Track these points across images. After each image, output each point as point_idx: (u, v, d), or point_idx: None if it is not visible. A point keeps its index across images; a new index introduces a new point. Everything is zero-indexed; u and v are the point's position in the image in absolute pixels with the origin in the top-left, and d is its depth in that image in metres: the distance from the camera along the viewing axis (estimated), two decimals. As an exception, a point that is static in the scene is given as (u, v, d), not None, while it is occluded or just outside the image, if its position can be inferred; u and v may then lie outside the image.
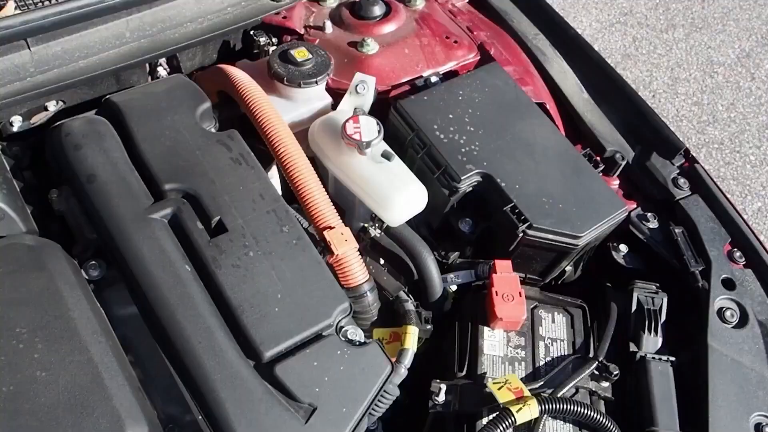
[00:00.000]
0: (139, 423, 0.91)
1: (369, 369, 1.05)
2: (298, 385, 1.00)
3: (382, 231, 1.31)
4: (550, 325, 1.28)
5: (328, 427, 0.99)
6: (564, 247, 1.27)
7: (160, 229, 1.09)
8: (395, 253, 1.34)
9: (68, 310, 0.98)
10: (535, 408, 1.09)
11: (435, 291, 1.28)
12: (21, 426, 0.87)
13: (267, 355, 1.02)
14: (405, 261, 1.34)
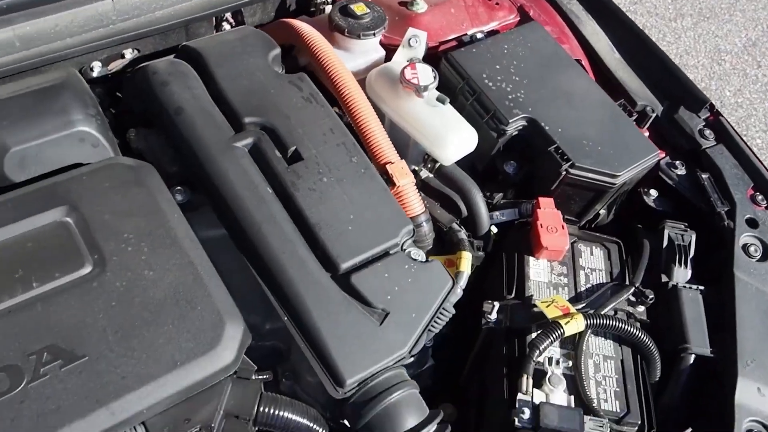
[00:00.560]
0: (236, 319, 1.02)
1: (433, 282, 1.17)
2: (371, 293, 1.12)
3: (434, 172, 1.43)
4: (589, 257, 1.39)
5: (399, 331, 1.10)
6: (602, 185, 1.38)
7: (242, 156, 1.20)
8: (444, 194, 1.45)
9: (168, 220, 1.09)
10: (582, 322, 1.20)
11: (483, 225, 1.39)
12: (134, 315, 0.98)
13: (343, 266, 1.13)
14: (453, 201, 1.45)
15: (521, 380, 1.14)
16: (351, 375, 1.04)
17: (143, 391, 0.94)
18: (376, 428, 1.04)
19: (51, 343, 0.94)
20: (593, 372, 1.21)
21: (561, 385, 1.16)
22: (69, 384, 0.92)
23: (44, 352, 0.93)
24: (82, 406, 0.90)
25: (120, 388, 0.93)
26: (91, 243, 1.04)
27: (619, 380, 1.21)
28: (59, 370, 0.92)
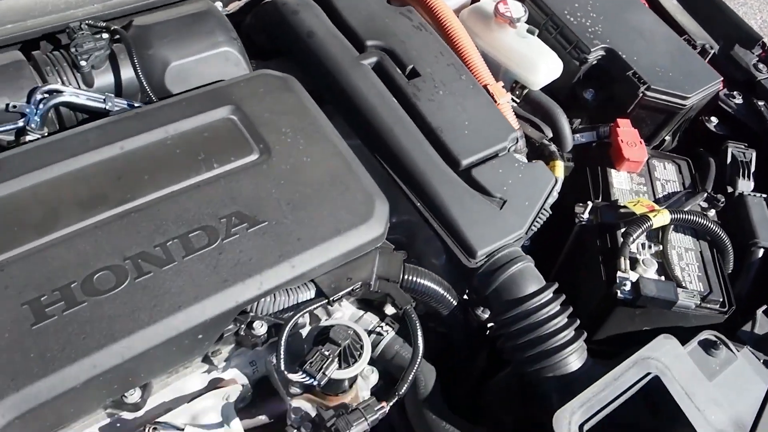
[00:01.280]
0: (382, 199, 1.19)
1: (539, 179, 1.34)
2: (490, 185, 1.28)
3: (521, 98, 1.59)
4: (663, 171, 1.56)
5: (516, 215, 1.27)
6: (673, 107, 1.55)
7: (369, 72, 1.37)
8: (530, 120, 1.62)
9: (316, 119, 1.25)
10: (667, 216, 1.37)
11: (567, 143, 1.56)
12: (300, 192, 1.14)
13: (464, 163, 1.30)
14: (537, 126, 1.62)
15: (619, 261, 1.30)
16: (481, 247, 1.21)
17: (315, 251, 1.10)
18: (502, 294, 1.20)
19: (236, 210, 1.10)
20: (677, 261, 1.37)
21: (653, 267, 1.32)
22: (256, 242, 1.08)
23: (232, 216, 1.09)
24: (269, 258, 1.07)
25: (297, 247, 1.09)
26: (255, 135, 1.20)
27: (700, 267, 1.38)
28: (246, 231, 1.09)
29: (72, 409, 0.96)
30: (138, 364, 0.98)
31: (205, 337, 1.04)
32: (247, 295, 1.04)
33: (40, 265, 1.00)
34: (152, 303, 1.00)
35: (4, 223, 1.02)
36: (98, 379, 0.95)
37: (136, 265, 1.02)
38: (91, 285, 0.99)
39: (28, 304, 0.96)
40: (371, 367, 1.23)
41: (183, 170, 1.13)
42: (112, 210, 1.07)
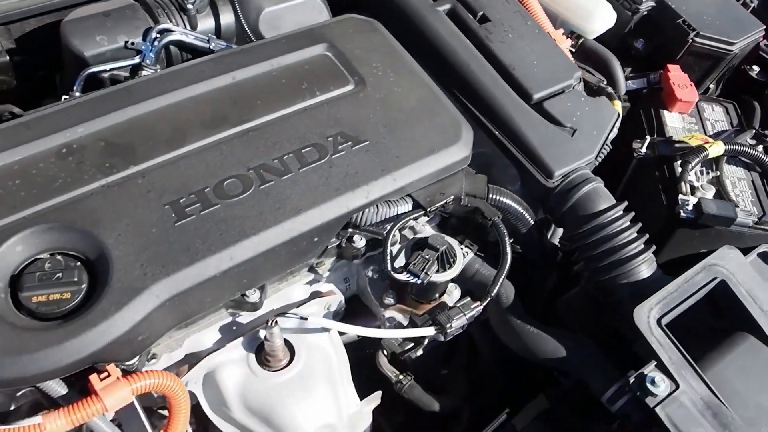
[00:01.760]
0: (467, 125, 1.30)
1: (604, 112, 1.45)
2: (560, 116, 1.39)
3: (577, 47, 1.70)
4: (711, 112, 1.67)
5: (586, 142, 1.38)
6: (721, 52, 1.66)
7: (444, 16, 1.48)
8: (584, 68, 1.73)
9: (402, 56, 1.37)
10: (722, 147, 1.48)
11: (621, 88, 1.67)
12: (395, 117, 1.26)
13: (536, 96, 1.41)
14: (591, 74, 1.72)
15: (680, 185, 1.41)
16: (557, 168, 1.32)
17: (412, 167, 1.21)
18: (578, 210, 1.31)
19: (341, 131, 1.22)
20: (731, 188, 1.48)
21: (710, 191, 1.43)
22: (360, 158, 1.19)
23: (338, 136, 1.21)
24: (373, 172, 1.18)
25: (397, 163, 1.21)
26: (350, 69, 1.31)
27: (752, 194, 1.49)
28: (351, 149, 1.20)
29: (209, 298, 1.08)
30: (265, 260, 1.09)
31: (319, 240, 1.16)
32: (356, 203, 1.16)
33: (176, 174, 1.11)
34: (276, 206, 1.11)
35: (140, 138, 1.14)
36: (233, 271, 1.06)
37: (259, 175, 1.14)
38: (221, 190, 1.11)
39: (170, 205, 1.07)
40: (454, 284, 1.35)
41: (290, 97, 1.25)
42: (232, 129, 1.18)
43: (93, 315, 0.96)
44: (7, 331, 0.93)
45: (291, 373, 1.19)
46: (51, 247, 1.02)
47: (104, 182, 1.08)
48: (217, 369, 1.17)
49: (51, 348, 0.93)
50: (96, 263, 1.02)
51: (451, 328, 1.16)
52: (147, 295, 0.99)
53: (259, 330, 1.21)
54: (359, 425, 1.29)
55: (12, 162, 1.08)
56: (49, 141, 1.11)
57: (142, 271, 1.01)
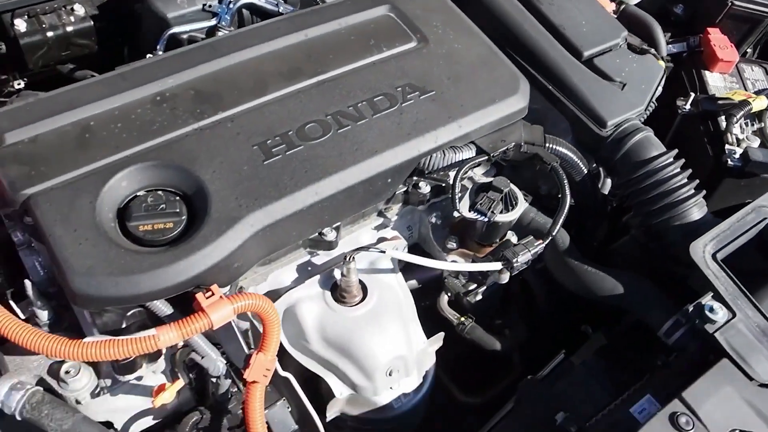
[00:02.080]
0: (524, 79, 1.37)
1: (652, 68, 1.52)
2: (610, 71, 1.47)
3: (618, 12, 1.77)
4: (751, 72, 1.73)
5: (636, 95, 1.45)
6: (760, 15, 1.73)
7: (498, -18, 1.57)
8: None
9: (461, 16, 1.45)
10: (765, 101, 1.54)
11: (663, 51, 1.73)
12: (457, 70, 1.34)
13: (586, 54, 1.48)
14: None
15: (726, 136, 1.48)
16: (610, 118, 1.39)
17: (476, 115, 1.29)
18: (631, 156, 1.38)
19: (408, 82, 1.30)
20: (773, 140, 1.55)
21: (755, 142, 1.50)
22: (428, 106, 1.28)
23: (406, 86, 1.29)
24: (441, 119, 1.26)
25: (461, 111, 1.28)
26: (412, 27, 1.40)
27: (795, 145, 1.55)
28: (419, 98, 1.28)
29: (295, 231, 1.16)
30: (345, 197, 1.18)
31: (392, 181, 1.24)
32: (425, 147, 1.24)
33: (261, 119, 1.20)
34: (354, 148, 1.19)
35: (226, 88, 1.23)
36: (317, 206, 1.15)
37: (336, 120, 1.22)
38: (303, 133, 1.19)
39: (258, 146, 1.16)
40: (512, 231, 1.42)
41: (359, 52, 1.33)
42: (308, 80, 1.27)
43: (196, 241, 1.05)
44: (121, 253, 1.02)
45: (365, 309, 1.27)
46: (152, 183, 1.11)
47: (196, 126, 1.17)
48: (296, 304, 1.26)
49: (161, 269, 1.02)
50: (193, 198, 1.11)
51: (516, 263, 1.23)
52: (243, 224, 1.08)
53: (333, 269, 1.29)
54: (425, 363, 1.37)
55: (112, 108, 1.17)
56: (144, 90, 1.20)
57: (237, 203, 1.09)
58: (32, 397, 0.91)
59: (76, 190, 1.06)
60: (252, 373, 1.07)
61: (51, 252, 1.01)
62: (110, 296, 1.00)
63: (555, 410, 1.19)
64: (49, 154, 1.10)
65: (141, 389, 1.17)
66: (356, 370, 1.25)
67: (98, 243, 1.02)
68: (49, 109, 1.15)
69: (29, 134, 1.11)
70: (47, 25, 1.41)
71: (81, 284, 0.99)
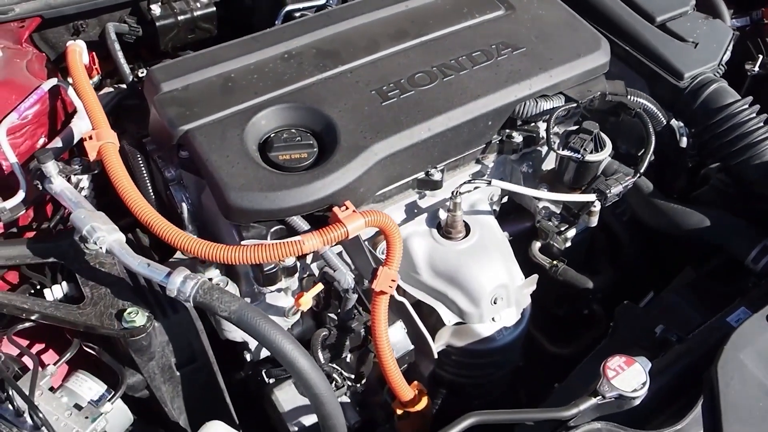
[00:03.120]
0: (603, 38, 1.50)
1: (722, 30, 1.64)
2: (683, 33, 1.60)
3: (682, -7, 1.91)
4: (815, 40, 1.82)
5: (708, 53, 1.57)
6: (819, -13, 1.83)
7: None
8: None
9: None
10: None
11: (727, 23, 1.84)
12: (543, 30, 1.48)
13: (658, 19, 1.62)
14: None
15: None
16: (687, 70, 1.52)
17: (564, 67, 1.42)
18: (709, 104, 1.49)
19: (501, 41, 1.45)
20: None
21: (825, 94, 1.58)
22: (520, 59, 1.42)
23: (499, 44, 1.44)
24: (533, 69, 1.40)
25: (551, 63, 1.42)
26: (499, -1, 1.56)
27: None
28: (512, 53, 1.43)
29: (410, 164, 1.30)
30: (452, 135, 1.32)
31: (492, 124, 1.37)
32: (522, 93, 1.37)
33: (375, 71, 1.36)
34: (459, 92, 1.34)
35: (343, 47, 1.40)
36: (430, 141, 1.29)
37: (441, 71, 1.37)
38: (414, 81, 1.35)
39: (375, 91, 1.32)
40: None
41: (455, 18, 1.49)
42: (413, 40, 1.43)
43: (331, 165, 1.20)
44: (267, 174, 1.17)
45: (470, 242, 1.39)
46: (286, 123, 1.28)
47: (321, 76, 1.34)
48: (406, 240, 1.38)
49: (302, 186, 1.17)
50: (323, 134, 1.27)
51: (610, 193, 1.34)
52: (368, 152, 1.23)
53: (439, 209, 1.42)
54: (522, 302, 1.47)
55: (249, 63, 1.35)
56: (274, 50, 1.38)
57: (362, 135, 1.24)
58: (204, 284, 1.05)
59: (225, 126, 1.23)
60: (379, 283, 1.19)
61: (209, 174, 1.18)
62: (261, 209, 1.16)
63: (653, 325, 1.28)
64: (200, 98, 1.28)
65: (276, 309, 1.31)
66: (463, 296, 1.37)
67: (248, 166, 1.18)
68: (196, 64, 1.34)
69: (182, 84, 1.30)
70: (178, 10, 1.62)
71: (237, 198, 1.15)
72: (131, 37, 1.59)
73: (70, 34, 1.60)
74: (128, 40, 1.59)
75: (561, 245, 1.52)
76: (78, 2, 1.51)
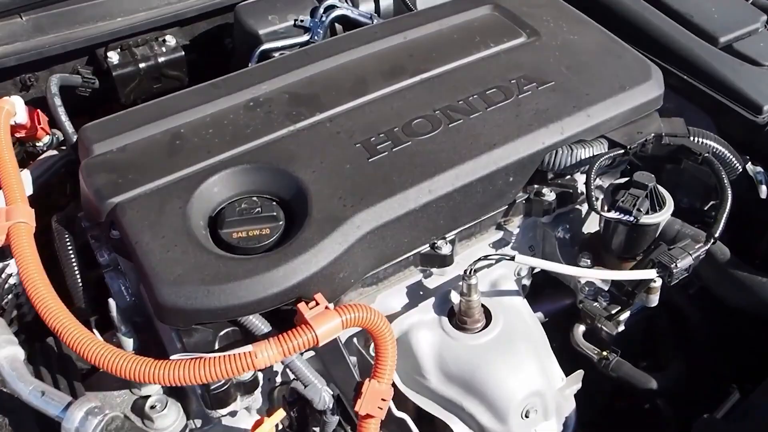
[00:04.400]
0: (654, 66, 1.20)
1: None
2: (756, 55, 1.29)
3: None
4: None
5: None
6: None
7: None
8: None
9: (571, 9, 1.31)
10: None
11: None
12: (577, 59, 1.18)
13: (722, 40, 1.31)
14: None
15: None
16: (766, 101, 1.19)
17: (606, 104, 1.12)
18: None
19: (523, 74, 1.15)
20: None
21: None
22: (548, 96, 1.12)
23: (521, 78, 1.14)
24: (565, 108, 1.10)
25: (588, 100, 1.12)
26: (519, 23, 1.27)
27: None
28: (537, 89, 1.13)
29: (406, 238, 1.00)
30: (462, 197, 1.01)
31: (514, 181, 1.07)
32: (551, 139, 1.07)
33: (362, 118, 1.08)
34: (468, 141, 1.04)
35: (323, 90, 1.12)
36: (432, 206, 0.99)
37: (446, 115, 1.08)
38: (410, 129, 1.06)
39: (361, 144, 1.03)
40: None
41: (465, 48, 1.21)
42: (413, 78, 1.15)
43: (297, 244, 0.90)
44: (212, 261, 0.89)
45: (491, 335, 1.06)
46: (246, 189, 0.99)
47: (293, 128, 1.06)
48: (408, 332, 1.07)
49: (258, 276, 0.87)
50: (292, 202, 0.98)
51: (676, 269, 1.01)
52: (349, 225, 0.93)
53: (450, 291, 1.11)
54: (564, 408, 1.13)
55: (204, 115, 1.08)
56: (236, 97, 1.11)
57: (341, 202, 0.95)
58: (111, 422, 0.77)
59: (165, 196, 0.96)
60: (365, 405, 0.88)
61: (137, 261, 0.90)
62: (201, 308, 0.86)
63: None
64: (138, 162, 1.01)
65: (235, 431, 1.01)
66: (485, 410, 1.03)
67: (188, 249, 0.90)
68: (139, 119, 1.07)
69: (118, 144, 1.03)
70: (139, 56, 1.38)
71: (169, 294, 0.86)
72: (85, 90, 1.35)
73: (18, 89, 1.38)
74: (82, 93, 1.36)
75: (612, 330, 1.18)
76: (18, 53, 1.29)
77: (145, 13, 1.38)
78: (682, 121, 1.19)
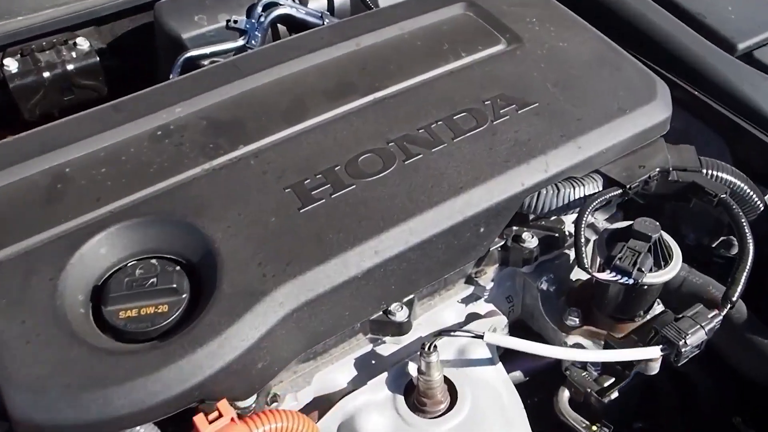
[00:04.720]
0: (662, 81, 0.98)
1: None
2: (773, 65, 1.07)
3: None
4: None
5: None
6: None
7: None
8: None
9: (561, 8, 1.10)
10: None
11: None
12: (566, 73, 0.97)
13: (741, 46, 1.09)
14: None
15: None
16: None
17: (600, 131, 0.91)
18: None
19: (500, 93, 0.94)
20: None
21: None
22: (530, 122, 0.90)
23: (497, 99, 0.93)
24: (551, 138, 0.89)
25: (579, 126, 0.90)
26: (498, 26, 1.05)
27: None
28: (516, 112, 0.91)
29: (347, 311, 0.79)
30: (419, 257, 0.80)
31: (486, 231, 0.85)
32: (533, 178, 0.86)
33: (297, 152, 0.86)
34: (429, 184, 0.83)
35: (251, 114, 0.90)
36: (379, 271, 0.78)
37: (402, 148, 0.86)
38: (356, 168, 0.84)
39: (291, 188, 0.81)
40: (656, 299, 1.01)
41: (429, 59, 0.99)
42: (363, 98, 0.93)
43: (199, 330, 0.69)
44: (86, 357, 0.68)
45: (456, 420, 0.86)
46: (142, 249, 0.78)
47: (208, 166, 0.84)
48: (355, 416, 0.87)
49: (144, 377, 0.66)
50: (199, 267, 0.77)
51: (686, 347, 0.81)
52: (268, 302, 0.72)
53: (407, 363, 0.92)
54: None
55: (98, 149, 0.86)
56: (141, 124, 0.88)
57: (260, 271, 0.74)
58: None
59: (33, 263, 0.74)
60: None
61: (-14, 356, 0.70)
62: (65, 423, 0.65)
63: None
64: (4, 214, 0.80)
65: None
66: None
67: (55, 340, 0.68)
68: (11, 155, 0.85)
69: (-20, 189, 0.83)
70: (43, 64, 1.15)
71: (24, 404, 0.65)
72: (-22, 105, 1.14)
73: None
74: (-25, 108, 1.15)
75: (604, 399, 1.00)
76: None
77: (51, 10, 1.15)
78: (692, 149, 0.98)
